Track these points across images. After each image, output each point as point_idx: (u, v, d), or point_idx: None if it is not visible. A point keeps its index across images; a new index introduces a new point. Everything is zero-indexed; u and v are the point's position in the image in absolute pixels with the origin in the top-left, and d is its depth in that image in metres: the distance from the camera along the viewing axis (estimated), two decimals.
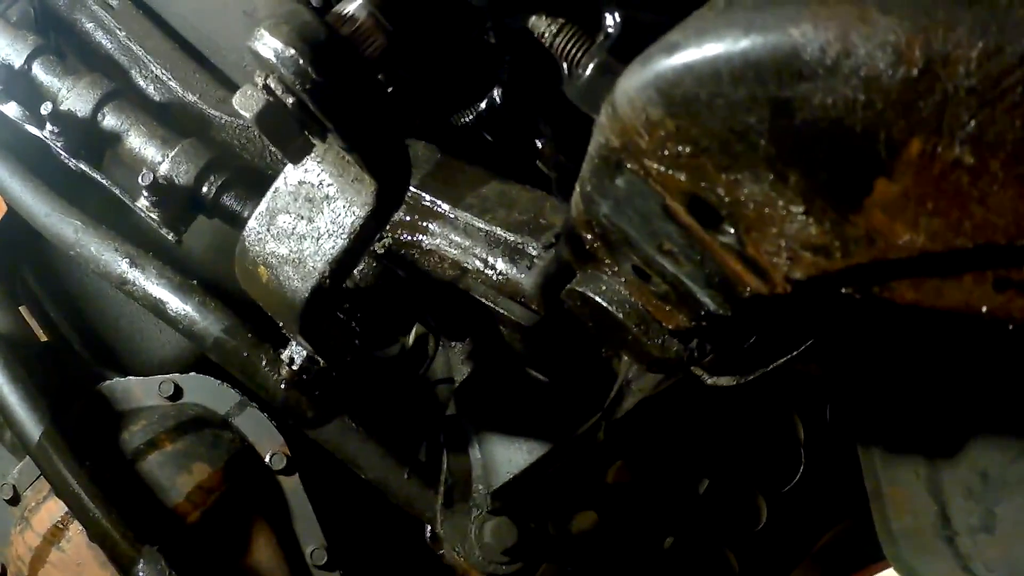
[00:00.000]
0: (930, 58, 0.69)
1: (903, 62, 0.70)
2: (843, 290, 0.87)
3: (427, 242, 1.54)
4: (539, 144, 1.42)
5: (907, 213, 0.76)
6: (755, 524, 1.87)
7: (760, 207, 0.82)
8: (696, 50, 0.77)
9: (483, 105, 1.42)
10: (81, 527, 1.69)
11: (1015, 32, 0.67)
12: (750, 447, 1.86)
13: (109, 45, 1.96)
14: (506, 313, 1.48)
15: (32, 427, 1.69)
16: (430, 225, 1.55)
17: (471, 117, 1.52)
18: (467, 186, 1.58)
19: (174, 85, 1.87)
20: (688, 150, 0.82)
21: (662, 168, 0.85)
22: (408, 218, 1.56)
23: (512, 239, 1.48)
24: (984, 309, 0.82)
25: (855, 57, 0.71)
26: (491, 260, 1.48)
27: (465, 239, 1.51)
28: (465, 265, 1.50)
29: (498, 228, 1.50)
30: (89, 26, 1.98)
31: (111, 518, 1.64)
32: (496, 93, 1.40)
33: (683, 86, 0.78)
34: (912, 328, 0.92)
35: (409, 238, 1.56)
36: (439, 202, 1.56)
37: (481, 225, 1.51)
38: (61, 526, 1.76)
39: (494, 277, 1.48)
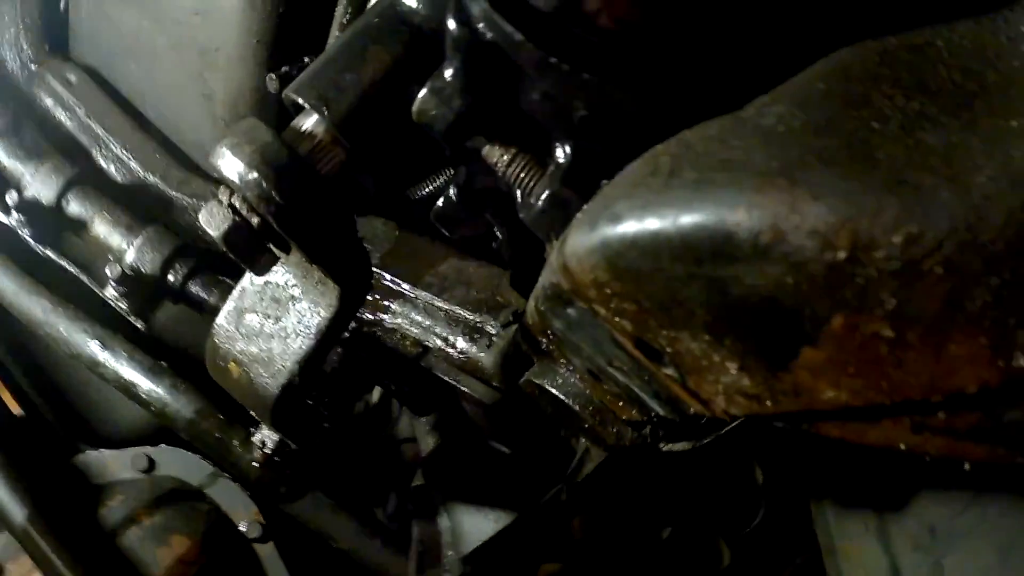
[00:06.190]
0: (856, 244, 0.74)
1: (830, 248, 0.74)
2: (776, 424, 0.94)
3: (389, 321, 1.60)
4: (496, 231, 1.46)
5: (830, 375, 0.81)
6: (717, 567, 1.93)
7: (698, 359, 0.87)
8: (638, 224, 0.82)
9: (440, 203, 1.46)
10: None
11: (937, 216, 0.72)
12: (710, 493, 1.91)
13: (69, 123, 1.94)
14: (468, 391, 1.54)
15: (15, 509, 1.71)
16: (391, 304, 1.60)
17: (427, 190, 1.55)
18: (425, 264, 1.63)
19: (135, 166, 1.87)
20: (633, 307, 0.87)
21: (609, 314, 0.90)
22: (370, 297, 1.61)
23: (471, 318, 1.54)
24: (903, 446, 0.89)
25: (785, 244, 0.75)
26: (451, 339, 1.54)
27: (426, 318, 1.57)
28: (427, 343, 1.56)
29: (457, 307, 1.55)
30: (48, 102, 1.97)
31: None
32: (452, 192, 1.44)
33: (627, 257, 0.83)
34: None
35: (372, 317, 1.61)
36: (399, 281, 1.61)
37: (441, 304, 1.57)
38: None
39: (455, 355, 1.53)
